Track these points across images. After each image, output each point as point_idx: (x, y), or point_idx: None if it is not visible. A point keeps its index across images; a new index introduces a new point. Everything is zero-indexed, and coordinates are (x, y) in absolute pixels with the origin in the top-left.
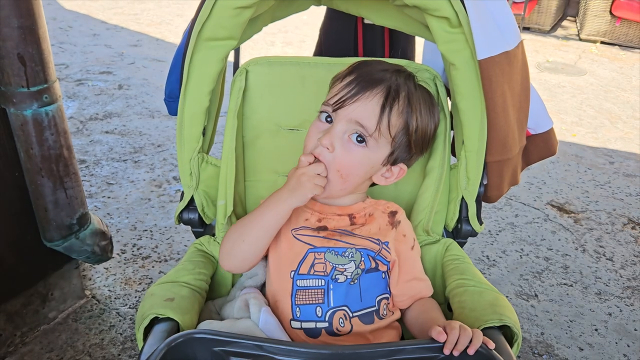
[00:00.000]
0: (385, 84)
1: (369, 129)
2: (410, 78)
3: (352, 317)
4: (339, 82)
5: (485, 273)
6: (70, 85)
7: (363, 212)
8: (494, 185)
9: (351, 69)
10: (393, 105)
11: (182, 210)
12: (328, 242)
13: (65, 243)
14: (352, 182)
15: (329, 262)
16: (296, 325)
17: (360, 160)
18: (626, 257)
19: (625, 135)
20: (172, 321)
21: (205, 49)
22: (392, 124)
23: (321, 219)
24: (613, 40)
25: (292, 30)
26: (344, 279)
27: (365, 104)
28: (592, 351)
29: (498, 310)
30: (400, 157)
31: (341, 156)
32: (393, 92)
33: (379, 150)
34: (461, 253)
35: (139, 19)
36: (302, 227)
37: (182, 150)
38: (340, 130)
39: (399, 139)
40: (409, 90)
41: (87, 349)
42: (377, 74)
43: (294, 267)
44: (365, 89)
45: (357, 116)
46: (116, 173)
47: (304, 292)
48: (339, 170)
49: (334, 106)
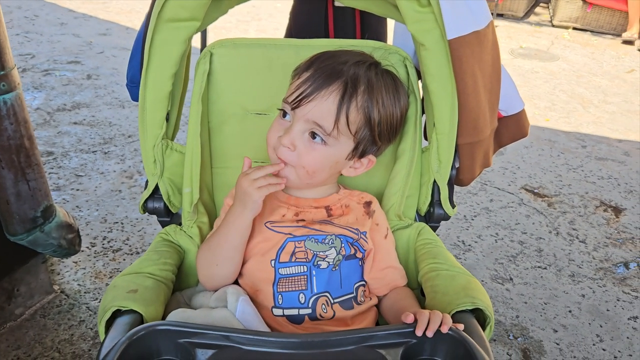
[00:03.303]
0: (343, 78)
1: (326, 129)
2: (371, 67)
3: (333, 304)
4: (297, 79)
5: (461, 258)
6: (36, 76)
7: (339, 203)
8: (465, 168)
9: (310, 63)
10: (351, 102)
11: (146, 199)
12: (308, 231)
13: (30, 237)
14: (319, 177)
15: (309, 249)
16: (278, 312)
17: (323, 158)
18: (598, 239)
19: (597, 120)
20: (135, 313)
21: (167, 30)
22: (351, 120)
23: (298, 213)
24: (585, 26)
25: (265, 17)
26: (325, 265)
27: (321, 103)
28: (566, 332)
29: (470, 294)
30: (367, 150)
31: (304, 155)
32: (350, 88)
33: (341, 146)
34: (434, 237)
35: (107, 8)
36: (279, 222)
37: (145, 137)
38: (299, 130)
39: (361, 134)
40: (370, 82)
41: (56, 345)
42: (336, 67)
43: (273, 256)
44: (322, 87)
45: (314, 116)
46: (85, 165)
47: (287, 280)
48: (304, 167)
49: (292, 105)
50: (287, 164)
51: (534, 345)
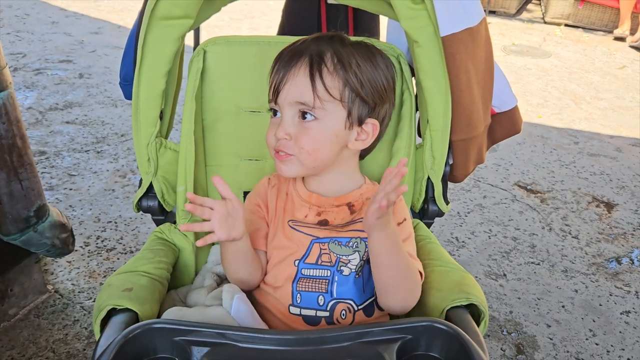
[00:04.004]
0: (307, 53)
1: (308, 103)
2: (335, 38)
3: (356, 311)
4: (270, 75)
5: (455, 254)
6: (28, 75)
7: (361, 198)
8: (459, 164)
9: (276, 58)
10: (322, 69)
11: (140, 197)
12: (330, 232)
13: (23, 236)
14: (324, 156)
15: (332, 252)
16: (295, 311)
17: (319, 134)
18: (591, 234)
19: (589, 116)
20: (131, 312)
21: (160, 28)
22: (329, 86)
23: (320, 213)
24: (576, 22)
25: (258, 16)
26: (348, 272)
27: (294, 81)
28: (559, 327)
29: (464, 289)
30: (362, 114)
31: (301, 138)
32: (317, 57)
33: (332, 116)
34: (428, 233)
35: (99, 6)
36: (302, 223)
37: (139, 135)
38: (288, 116)
39: (347, 98)
40: (335, 50)
41: (51, 344)
42: (297, 48)
43: (299, 257)
44: (289, 68)
45: (293, 96)
46: (78, 164)
47: (308, 280)
48: (304, 148)
49: (273, 97)
50: (290, 154)
51: (527, 340)
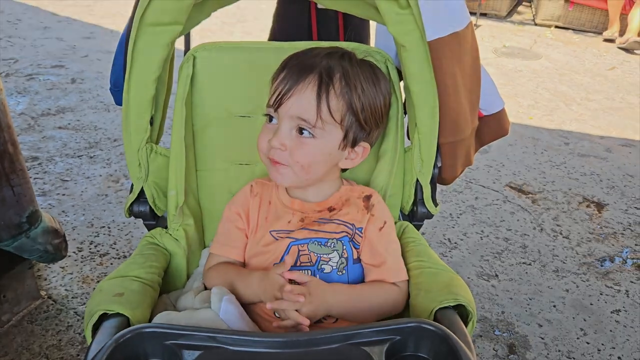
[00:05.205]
0: (317, 70)
1: (310, 121)
2: (345, 57)
3: None
4: (275, 81)
5: (447, 255)
6: (20, 80)
7: (340, 200)
8: (447, 167)
9: (284, 63)
10: (329, 90)
11: (132, 202)
12: (309, 233)
13: (15, 243)
14: (316, 171)
15: (313, 252)
16: None
17: (315, 151)
18: (582, 234)
19: (579, 117)
20: (122, 317)
21: (149, 34)
22: (333, 109)
23: (304, 218)
24: (567, 24)
25: (251, 20)
26: (329, 269)
27: (300, 97)
28: (550, 327)
29: (453, 290)
30: (357, 137)
31: (295, 151)
32: (326, 77)
33: (329, 137)
34: (417, 235)
35: (92, 11)
36: (284, 230)
37: (129, 141)
38: (286, 128)
39: (347, 122)
40: (344, 70)
41: (44, 350)
42: (308, 61)
43: (277, 261)
44: (298, 81)
45: (296, 111)
46: (71, 169)
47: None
48: (298, 162)
49: (274, 105)
50: (282, 164)
51: (519, 340)
